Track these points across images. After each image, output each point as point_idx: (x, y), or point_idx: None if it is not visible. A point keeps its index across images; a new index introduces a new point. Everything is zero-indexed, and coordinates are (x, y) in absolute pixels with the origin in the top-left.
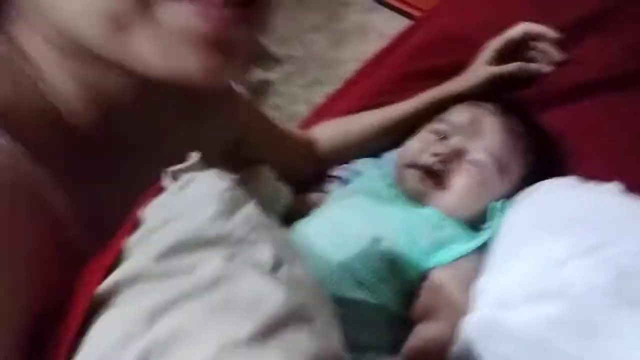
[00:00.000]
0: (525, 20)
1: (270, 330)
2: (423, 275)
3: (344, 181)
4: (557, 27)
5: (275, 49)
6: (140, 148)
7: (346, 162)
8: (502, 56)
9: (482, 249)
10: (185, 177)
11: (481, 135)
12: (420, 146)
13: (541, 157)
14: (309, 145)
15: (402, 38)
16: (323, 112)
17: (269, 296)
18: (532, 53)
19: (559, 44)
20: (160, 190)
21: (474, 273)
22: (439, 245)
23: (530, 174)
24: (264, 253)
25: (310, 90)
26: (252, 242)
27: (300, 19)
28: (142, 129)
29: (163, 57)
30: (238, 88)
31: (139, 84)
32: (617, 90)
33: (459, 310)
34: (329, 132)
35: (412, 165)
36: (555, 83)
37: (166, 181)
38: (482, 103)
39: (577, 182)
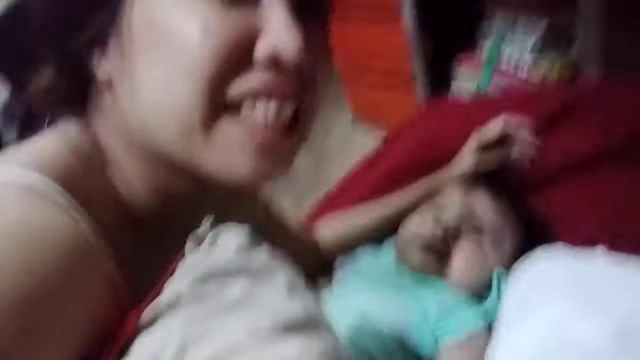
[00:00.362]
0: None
1: (289, 328)
2: (436, 351)
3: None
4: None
5: None
6: (182, 226)
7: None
8: (484, 148)
9: (488, 317)
10: (212, 233)
11: (475, 212)
12: (419, 226)
13: (530, 228)
14: (311, 244)
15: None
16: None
17: (288, 306)
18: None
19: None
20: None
21: (485, 347)
22: (447, 314)
23: (522, 245)
24: (280, 278)
25: (298, 206)
26: (269, 270)
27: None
28: (187, 212)
29: (221, 165)
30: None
31: (196, 182)
32: (591, 169)
33: None
34: (331, 231)
35: (414, 243)
36: (537, 167)
37: (191, 242)
38: (474, 183)
39: (565, 250)
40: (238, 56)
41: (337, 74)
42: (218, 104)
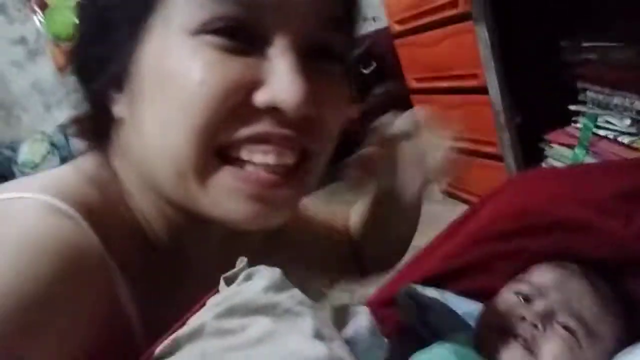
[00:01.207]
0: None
1: None
2: None
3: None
4: (619, 197)
5: None
6: (195, 259)
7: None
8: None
9: None
10: (244, 272)
11: (568, 298)
12: (505, 309)
13: (631, 319)
14: (342, 232)
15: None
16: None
17: (311, 350)
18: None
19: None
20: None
21: None
22: None
23: (622, 338)
24: (307, 322)
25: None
26: (297, 313)
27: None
28: (199, 245)
29: (216, 209)
30: None
31: (199, 218)
32: None
33: None
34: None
35: (497, 331)
36: (625, 252)
37: (222, 284)
38: (567, 263)
39: None
40: (237, 102)
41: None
42: (213, 151)
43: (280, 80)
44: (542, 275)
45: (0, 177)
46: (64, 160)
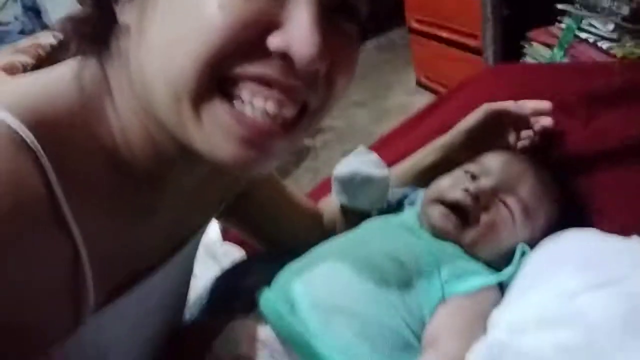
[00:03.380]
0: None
1: None
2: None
3: None
4: (583, 98)
5: None
6: (170, 191)
7: None
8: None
9: (502, 290)
10: None
11: (512, 179)
12: (451, 183)
13: (567, 209)
14: (315, 218)
15: (430, 110)
16: None
17: None
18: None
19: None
20: None
21: (492, 305)
22: (458, 276)
23: (555, 224)
24: None
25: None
26: None
27: (346, 94)
28: (179, 178)
29: (205, 143)
30: None
31: (186, 149)
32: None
33: (465, 342)
34: (334, 206)
35: (440, 201)
36: (579, 150)
37: None
38: (516, 152)
39: (598, 233)
40: (250, 37)
41: (406, 36)
42: (214, 81)
43: (298, 29)
44: (491, 158)
45: None
46: (26, 9)
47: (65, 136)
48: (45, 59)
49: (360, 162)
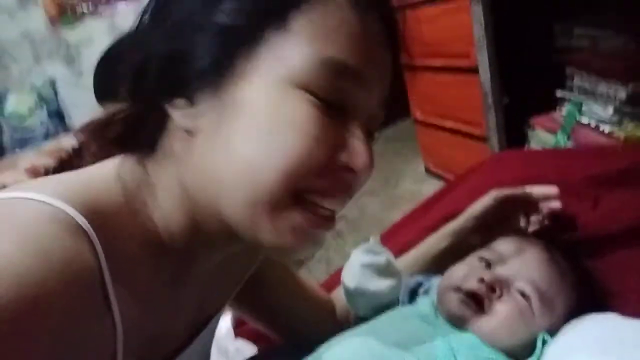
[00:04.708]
0: (554, 177)
1: None
2: None
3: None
4: (590, 181)
5: None
6: (200, 264)
7: None
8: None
9: None
10: None
11: (527, 267)
12: (466, 271)
13: (585, 294)
14: (327, 307)
15: (439, 196)
16: None
17: None
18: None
19: (590, 196)
20: None
21: None
22: None
23: (574, 310)
24: None
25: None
26: None
27: None
28: (211, 254)
29: (270, 238)
30: None
31: (231, 236)
32: None
33: None
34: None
35: (456, 289)
36: (590, 232)
37: None
38: (529, 237)
39: (618, 317)
40: (326, 156)
41: (413, 127)
42: (291, 193)
43: (360, 150)
44: (505, 244)
45: None
46: (52, 114)
47: (112, 224)
48: (67, 161)
49: (368, 272)
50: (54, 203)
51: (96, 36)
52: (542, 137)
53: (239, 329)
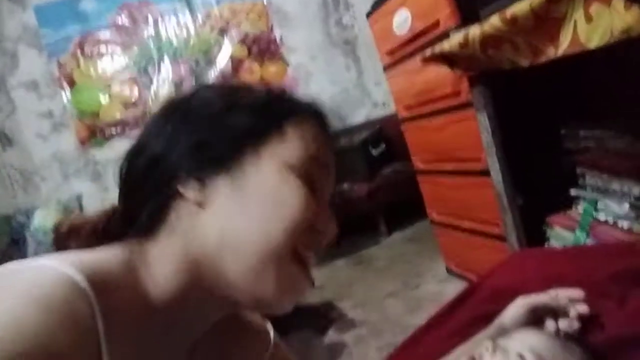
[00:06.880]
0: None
1: None
2: None
3: None
4: (614, 279)
5: (353, 313)
6: (187, 318)
7: None
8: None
9: None
10: None
11: (529, 337)
12: None
13: None
14: None
15: (462, 299)
16: None
17: None
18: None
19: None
20: None
21: None
22: None
23: None
24: None
25: (384, 353)
26: None
27: (378, 287)
28: (200, 310)
29: (274, 294)
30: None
31: (226, 302)
32: None
33: None
34: None
35: None
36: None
37: None
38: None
39: None
40: (311, 221)
41: (432, 227)
42: (291, 249)
43: (329, 220)
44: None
45: (13, 241)
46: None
47: (111, 290)
48: None
49: None
50: (67, 271)
51: (122, 154)
52: (561, 234)
53: None
